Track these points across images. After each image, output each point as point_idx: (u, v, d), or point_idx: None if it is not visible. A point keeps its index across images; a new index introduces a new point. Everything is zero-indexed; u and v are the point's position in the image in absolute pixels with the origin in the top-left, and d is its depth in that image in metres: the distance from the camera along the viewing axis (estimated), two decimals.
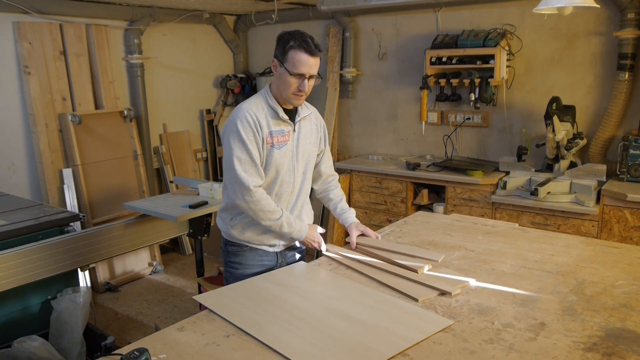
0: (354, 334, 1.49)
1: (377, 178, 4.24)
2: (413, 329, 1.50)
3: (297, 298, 1.74)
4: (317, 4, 4.40)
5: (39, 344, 2.52)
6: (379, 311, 1.62)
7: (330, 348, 1.42)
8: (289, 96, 1.97)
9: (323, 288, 1.86)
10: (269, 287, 1.83)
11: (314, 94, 5.21)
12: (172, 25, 4.86)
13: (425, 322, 1.55)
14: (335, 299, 1.72)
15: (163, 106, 4.96)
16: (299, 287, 1.84)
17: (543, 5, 2.54)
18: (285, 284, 1.86)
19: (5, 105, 3.88)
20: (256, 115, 1.96)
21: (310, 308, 1.66)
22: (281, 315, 1.61)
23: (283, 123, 2.03)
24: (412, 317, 1.58)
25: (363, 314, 1.60)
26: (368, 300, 1.71)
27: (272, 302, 1.71)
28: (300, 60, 1.91)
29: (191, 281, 4.26)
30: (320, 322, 1.56)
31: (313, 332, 1.50)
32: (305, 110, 2.13)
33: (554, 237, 2.33)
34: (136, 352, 1.30)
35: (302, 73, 1.93)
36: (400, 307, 1.66)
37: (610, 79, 3.60)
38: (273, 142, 1.99)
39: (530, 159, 3.82)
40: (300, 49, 1.91)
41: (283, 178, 2.06)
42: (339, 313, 1.61)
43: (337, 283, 1.88)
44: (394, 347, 1.41)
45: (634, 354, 1.36)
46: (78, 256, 2.87)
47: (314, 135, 2.17)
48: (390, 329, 1.51)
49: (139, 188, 4.54)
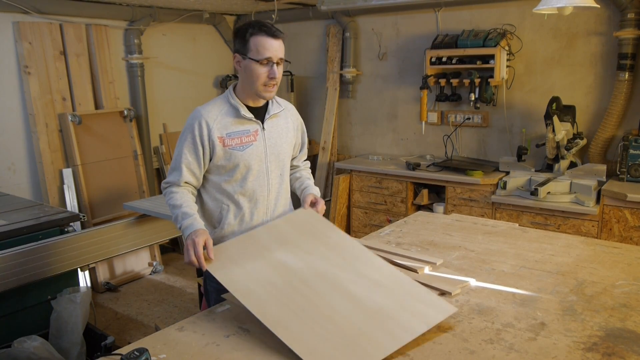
0: (357, 320, 1.47)
1: (377, 178, 4.24)
2: (417, 317, 1.48)
3: (302, 266, 1.68)
4: (317, 4, 4.41)
5: (39, 344, 2.51)
6: (384, 289, 1.59)
7: (333, 338, 1.41)
8: (260, 89, 1.86)
9: (329, 251, 1.77)
10: (270, 246, 1.77)
11: (314, 94, 5.24)
12: (172, 25, 4.86)
13: (429, 307, 1.53)
14: (340, 268, 1.67)
15: (163, 106, 4.96)
16: (304, 249, 1.76)
17: (543, 5, 2.54)
18: (289, 246, 1.78)
19: (5, 105, 3.88)
20: (207, 121, 1.87)
21: (316, 284, 1.60)
22: (286, 292, 1.57)
23: (248, 122, 1.92)
24: (416, 302, 1.56)
25: (368, 293, 1.57)
26: (374, 274, 1.66)
27: (277, 272, 1.65)
28: (264, 45, 1.81)
29: (191, 281, 4.25)
30: (324, 302, 1.54)
31: (317, 317, 1.48)
32: (277, 107, 2.01)
33: (554, 237, 2.33)
34: (136, 352, 1.30)
35: (269, 57, 1.81)
36: (405, 286, 1.62)
37: (610, 79, 3.60)
38: (233, 144, 1.89)
39: (530, 159, 3.82)
40: (262, 33, 1.81)
41: (255, 181, 1.95)
42: (344, 291, 1.58)
43: (343, 244, 1.81)
44: (396, 340, 1.40)
45: (634, 354, 1.36)
46: (78, 256, 2.87)
47: (291, 134, 2.06)
48: (393, 317, 1.48)
49: (139, 188, 4.54)
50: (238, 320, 1.59)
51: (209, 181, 1.98)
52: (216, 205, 1.99)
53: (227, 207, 1.97)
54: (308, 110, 5.24)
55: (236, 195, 1.95)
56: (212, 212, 2.00)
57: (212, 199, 1.99)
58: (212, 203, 1.99)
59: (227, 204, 1.97)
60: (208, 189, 1.99)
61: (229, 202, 1.97)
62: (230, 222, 1.97)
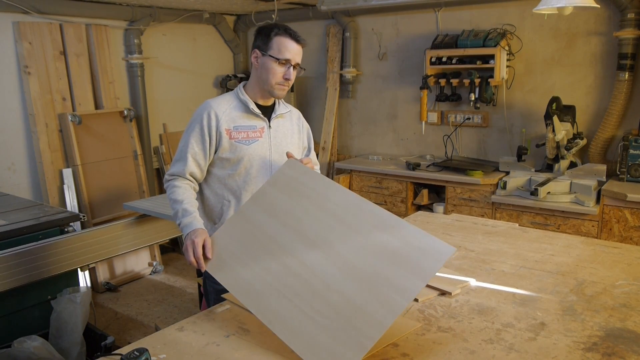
0: (351, 294, 1.43)
1: (377, 178, 4.24)
2: (414, 273, 1.40)
3: (293, 238, 1.64)
4: (317, 4, 4.41)
5: (39, 344, 2.51)
6: (378, 243, 1.51)
7: (329, 324, 1.39)
8: (273, 86, 1.91)
9: (318, 210, 1.71)
10: (261, 222, 1.73)
11: (314, 94, 5.24)
12: (172, 25, 4.86)
13: (426, 255, 1.42)
14: (331, 229, 1.62)
15: (163, 106, 4.97)
16: (293, 214, 1.71)
17: (543, 5, 2.54)
18: (279, 216, 1.73)
19: (5, 105, 3.88)
20: (216, 112, 1.91)
21: (308, 257, 1.57)
22: (279, 276, 1.56)
23: (255, 118, 1.96)
24: (412, 249, 1.46)
25: (361, 253, 1.51)
26: (366, 223, 1.58)
27: (271, 253, 1.63)
28: (287, 46, 1.87)
29: (191, 281, 4.26)
30: (318, 278, 1.50)
31: (312, 301, 1.46)
32: (283, 108, 2.06)
33: (554, 237, 2.33)
34: (136, 352, 1.30)
35: (288, 58, 1.88)
36: (400, 231, 1.52)
37: (610, 79, 3.60)
38: (239, 138, 1.93)
39: (530, 159, 3.82)
40: (286, 35, 1.88)
41: (258, 177, 1.97)
42: (336, 257, 1.53)
43: (332, 196, 1.73)
44: (394, 309, 1.35)
45: (634, 354, 1.36)
46: (78, 256, 2.87)
47: (296, 136, 2.10)
48: (389, 278, 1.42)
49: (139, 188, 4.54)
50: (238, 320, 1.60)
51: (212, 175, 1.99)
52: (217, 201, 2.00)
53: (228, 202, 1.99)
54: (308, 110, 5.24)
55: (239, 191, 1.97)
56: (213, 207, 2.01)
57: (214, 194, 2.01)
58: (213, 198, 2.01)
59: (228, 200, 1.99)
60: (211, 183, 2.01)
61: (230, 198, 1.99)
62: None
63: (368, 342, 1.32)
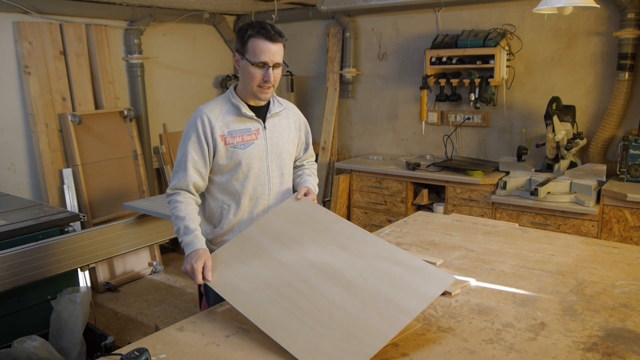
0: (353, 309, 1.46)
1: (377, 178, 4.24)
2: (415, 295, 1.46)
3: (296, 260, 1.67)
4: (317, 4, 4.41)
5: (39, 344, 2.51)
6: (380, 269, 1.57)
7: (330, 333, 1.40)
8: (255, 90, 1.87)
9: (322, 237, 1.76)
10: (265, 244, 1.76)
11: (314, 94, 5.24)
12: (172, 25, 4.86)
13: (427, 281, 1.50)
14: (334, 255, 1.66)
15: (163, 106, 4.97)
16: (297, 240, 1.75)
17: (543, 5, 2.54)
18: (282, 240, 1.77)
19: (5, 105, 3.88)
20: (209, 118, 1.88)
21: (311, 277, 1.60)
22: (281, 291, 1.58)
23: (249, 120, 1.93)
24: (414, 276, 1.52)
25: (364, 277, 1.55)
26: (368, 252, 1.64)
27: (272, 271, 1.66)
28: (261, 48, 1.81)
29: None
30: (320, 295, 1.53)
31: (314, 313, 1.48)
32: (278, 106, 2.02)
33: (554, 237, 2.33)
34: (136, 352, 1.30)
35: (264, 61, 1.82)
36: (402, 260, 1.59)
37: (610, 79, 3.61)
38: (234, 142, 1.90)
39: (530, 159, 3.82)
40: (259, 36, 1.81)
41: (256, 180, 1.96)
42: (339, 278, 1.57)
43: (335, 227, 1.79)
44: (394, 325, 1.38)
45: (634, 354, 1.36)
46: (78, 256, 2.87)
47: (293, 134, 2.07)
48: (391, 299, 1.46)
49: (139, 188, 4.54)
50: (238, 320, 1.60)
51: (212, 182, 1.98)
52: (217, 205, 1.99)
53: (227, 207, 1.98)
54: (308, 110, 5.23)
55: (238, 195, 1.96)
56: (213, 211, 2.00)
57: (214, 199, 2.00)
58: (213, 202, 2.00)
59: (228, 204, 1.98)
60: (210, 189, 1.99)
61: (230, 202, 1.98)
62: (230, 221, 1.98)
63: (370, 351, 1.34)
